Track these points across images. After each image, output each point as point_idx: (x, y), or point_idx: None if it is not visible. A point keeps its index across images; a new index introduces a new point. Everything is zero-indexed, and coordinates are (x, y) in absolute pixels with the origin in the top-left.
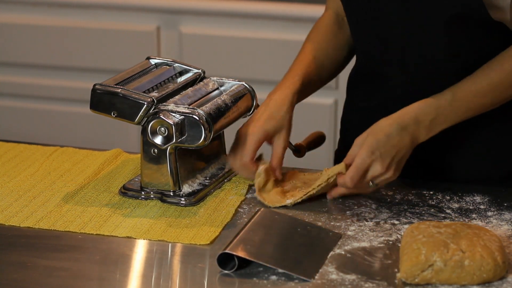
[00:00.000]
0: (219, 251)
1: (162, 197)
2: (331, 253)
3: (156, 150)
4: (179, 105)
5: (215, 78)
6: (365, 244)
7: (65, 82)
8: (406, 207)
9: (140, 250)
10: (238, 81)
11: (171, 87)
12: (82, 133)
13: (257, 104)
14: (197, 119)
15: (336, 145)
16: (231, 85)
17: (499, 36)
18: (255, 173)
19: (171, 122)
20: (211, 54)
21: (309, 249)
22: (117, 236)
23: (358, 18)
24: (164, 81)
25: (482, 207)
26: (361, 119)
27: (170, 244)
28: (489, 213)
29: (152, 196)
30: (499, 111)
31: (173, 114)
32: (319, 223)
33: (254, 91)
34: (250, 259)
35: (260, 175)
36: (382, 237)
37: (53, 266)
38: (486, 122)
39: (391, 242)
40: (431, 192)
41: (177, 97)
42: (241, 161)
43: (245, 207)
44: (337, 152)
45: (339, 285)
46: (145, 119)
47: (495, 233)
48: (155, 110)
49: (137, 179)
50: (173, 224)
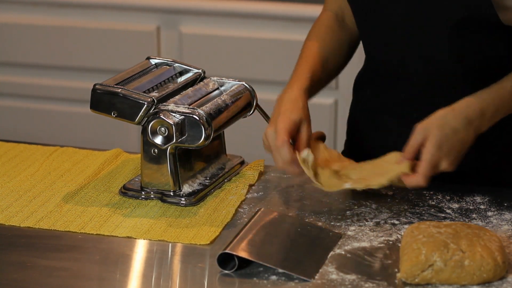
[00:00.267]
0: (219, 251)
1: (162, 197)
2: (331, 253)
3: (156, 150)
4: (179, 105)
5: (215, 78)
6: (365, 244)
7: (65, 82)
8: (406, 207)
9: (140, 250)
10: (238, 81)
11: (171, 87)
12: (82, 133)
13: (257, 104)
14: (197, 119)
15: (336, 145)
16: (231, 85)
17: (503, 39)
18: (299, 165)
19: (171, 122)
20: (211, 54)
21: (309, 249)
22: (117, 236)
23: (366, 20)
24: (164, 81)
25: (482, 207)
26: (368, 120)
27: (170, 244)
28: (489, 213)
29: (152, 196)
30: None
31: (173, 114)
32: (319, 223)
33: (254, 91)
34: (250, 259)
35: (308, 156)
36: (382, 237)
37: (53, 266)
38: None
39: (391, 242)
40: (431, 192)
41: (177, 97)
42: (283, 159)
43: (245, 207)
44: (343, 154)
45: (339, 285)
46: (145, 119)
47: (495, 233)
48: (155, 110)
49: (137, 179)
50: (173, 224)
